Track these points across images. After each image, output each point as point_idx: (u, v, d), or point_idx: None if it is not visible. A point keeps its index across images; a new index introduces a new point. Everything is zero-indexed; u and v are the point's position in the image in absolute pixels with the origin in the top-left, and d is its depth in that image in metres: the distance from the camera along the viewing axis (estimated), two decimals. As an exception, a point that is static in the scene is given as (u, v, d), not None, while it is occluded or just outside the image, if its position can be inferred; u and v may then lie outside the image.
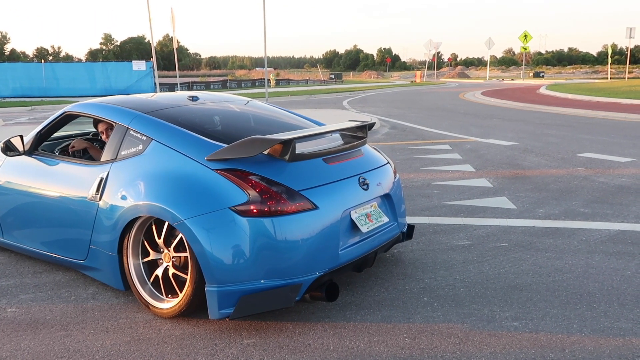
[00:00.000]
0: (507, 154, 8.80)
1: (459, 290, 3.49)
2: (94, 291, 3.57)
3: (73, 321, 3.15)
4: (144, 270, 3.29)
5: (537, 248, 4.27)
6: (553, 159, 8.36)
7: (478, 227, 4.82)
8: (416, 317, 3.12)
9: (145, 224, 3.22)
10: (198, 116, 3.69)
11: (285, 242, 2.88)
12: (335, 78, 61.14)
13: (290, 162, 3.09)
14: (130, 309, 3.29)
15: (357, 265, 3.33)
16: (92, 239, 3.42)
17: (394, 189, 3.69)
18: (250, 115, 4.06)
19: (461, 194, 6.08)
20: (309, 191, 3.03)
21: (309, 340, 2.88)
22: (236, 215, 2.85)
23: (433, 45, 54.82)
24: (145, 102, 3.80)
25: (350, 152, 3.50)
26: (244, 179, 2.93)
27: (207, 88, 38.82)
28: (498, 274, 3.76)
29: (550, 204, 5.61)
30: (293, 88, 41.52)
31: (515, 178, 6.92)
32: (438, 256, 4.11)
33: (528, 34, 47.40)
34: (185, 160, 3.11)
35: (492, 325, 3.01)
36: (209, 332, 2.98)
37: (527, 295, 3.41)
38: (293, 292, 2.91)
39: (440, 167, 7.70)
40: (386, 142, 10.47)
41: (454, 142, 10.27)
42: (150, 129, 3.34)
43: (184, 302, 3.02)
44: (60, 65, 34.00)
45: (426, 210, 5.42)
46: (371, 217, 3.37)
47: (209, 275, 2.86)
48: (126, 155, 3.35)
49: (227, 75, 77.66)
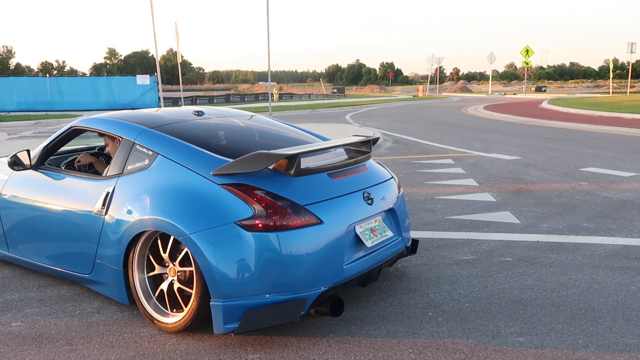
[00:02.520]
0: (510, 169, 8.81)
1: (463, 305, 3.48)
2: (99, 305, 3.57)
3: (78, 335, 3.15)
4: (149, 284, 3.29)
5: (541, 263, 4.27)
6: (556, 173, 8.36)
7: (482, 242, 4.82)
8: (421, 332, 3.12)
9: (151, 238, 3.23)
10: (203, 131, 3.71)
11: (291, 256, 2.89)
12: (338, 92, 61.42)
13: (296, 176, 3.10)
14: (135, 323, 3.30)
15: (362, 280, 3.33)
16: (98, 253, 3.43)
17: (398, 204, 3.70)
18: (254, 130, 4.09)
19: (465, 208, 6.08)
20: (314, 206, 3.04)
21: (313, 355, 2.87)
22: (241, 229, 2.86)
23: (435, 59, 55.13)
24: (151, 117, 3.83)
25: (354, 166, 3.52)
26: (250, 194, 2.95)
27: (210, 102, 39.03)
28: (502, 289, 3.76)
29: (553, 218, 5.61)
30: (296, 102, 41.71)
31: (519, 192, 6.92)
32: (442, 271, 4.11)
33: (530, 49, 47.65)
34: (191, 175, 3.13)
35: (497, 341, 3.00)
36: (214, 347, 2.98)
37: (532, 310, 3.40)
38: (298, 307, 2.91)
39: (443, 182, 7.72)
40: (389, 157, 10.50)
41: (457, 157, 10.29)
42: (156, 144, 3.37)
43: (189, 317, 3.03)
44: (64, 80, 34.27)
45: (430, 224, 5.42)
46: (376, 232, 3.38)
47: (214, 289, 2.87)
48: (132, 169, 3.37)
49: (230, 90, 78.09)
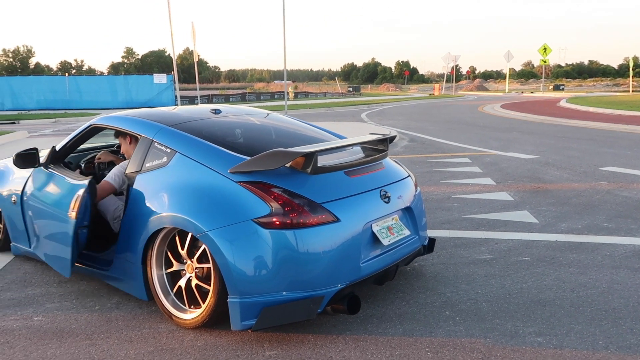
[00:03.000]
0: (527, 168, 8.72)
1: (481, 305, 3.46)
2: (118, 301, 3.61)
3: (98, 330, 3.19)
4: (167, 281, 3.32)
5: (560, 263, 4.22)
6: (575, 172, 8.26)
7: (499, 241, 4.78)
8: (438, 331, 3.10)
9: (169, 235, 3.26)
10: (220, 129, 3.73)
11: (307, 254, 2.89)
12: (354, 91, 61.33)
13: (312, 174, 3.11)
14: (154, 319, 3.33)
15: (379, 278, 3.32)
16: (117, 249, 3.47)
17: (415, 202, 3.69)
18: (271, 128, 4.10)
19: (482, 207, 6.04)
20: (330, 204, 3.04)
21: (330, 352, 2.88)
22: (259, 227, 2.87)
23: (451, 58, 54.78)
24: (169, 115, 3.86)
25: (371, 165, 3.52)
26: (267, 192, 2.96)
27: (226, 101, 39.22)
28: (521, 288, 3.72)
29: (572, 218, 5.55)
30: (311, 101, 41.73)
31: (537, 192, 6.85)
32: (459, 270, 4.09)
33: (547, 47, 47.12)
34: (209, 173, 3.15)
35: (515, 341, 2.98)
36: (231, 343, 3.00)
37: (551, 310, 3.37)
38: (315, 305, 2.92)
39: (460, 180, 7.67)
40: (405, 155, 10.46)
41: (473, 155, 10.22)
42: (174, 142, 3.39)
43: (206, 313, 3.05)
44: (83, 79, 34.71)
45: (447, 223, 5.39)
46: (392, 230, 3.37)
47: (231, 286, 2.89)
48: (150, 167, 3.40)
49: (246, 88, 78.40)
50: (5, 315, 3.43)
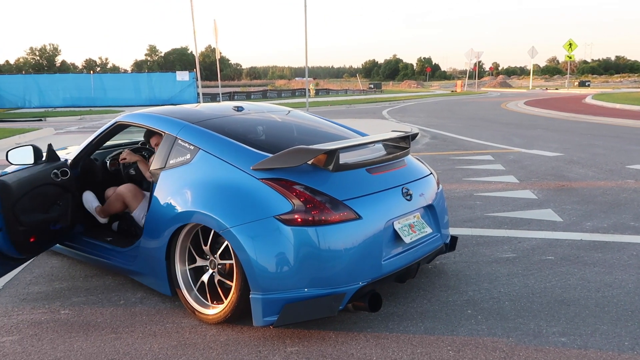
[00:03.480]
0: (551, 165, 8.59)
1: (503, 304, 3.43)
2: (142, 295, 3.67)
3: (122, 324, 3.25)
4: (190, 276, 3.37)
5: (584, 262, 4.16)
6: (600, 170, 8.12)
7: (523, 240, 4.73)
8: (460, 330, 3.09)
9: (192, 231, 3.30)
10: (243, 126, 3.76)
11: (329, 251, 2.90)
12: (375, 88, 61.06)
13: (334, 172, 3.11)
14: (177, 314, 3.38)
15: (400, 276, 3.32)
16: (141, 245, 3.52)
17: (437, 200, 3.67)
18: (293, 125, 4.12)
19: (505, 205, 5.98)
20: (352, 201, 3.05)
21: (351, 350, 2.89)
22: (281, 224, 2.89)
23: (474, 54, 54.15)
24: (192, 112, 3.90)
25: (393, 162, 3.51)
26: (289, 189, 2.97)
27: (248, 98, 39.40)
28: (544, 288, 3.68)
29: (598, 217, 5.45)
30: (332, 98, 41.69)
31: (561, 190, 6.75)
32: (482, 268, 4.05)
33: (573, 42, 46.26)
34: (232, 170, 3.17)
35: (539, 340, 2.95)
36: (253, 339, 3.02)
37: (575, 310, 3.32)
38: (336, 302, 2.93)
39: (482, 178, 7.60)
40: (427, 152, 10.39)
41: (496, 153, 10.10)
42: (197, 139, 3.43)
43: (228, 309, 3.08)
44: (107, 76, 35.20)
45: (469, 221, 5.35)
46: (414, 228, 3.36)
47: (253, 282, 2.91)
48: (174, 164, 3.45)
49: (267, 85, 78.65)
50: (34, 308, 3.52)
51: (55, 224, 3.68)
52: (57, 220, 3.68)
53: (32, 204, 3.48)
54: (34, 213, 3.51)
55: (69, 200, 3.75)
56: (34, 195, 3.49)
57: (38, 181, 3.55)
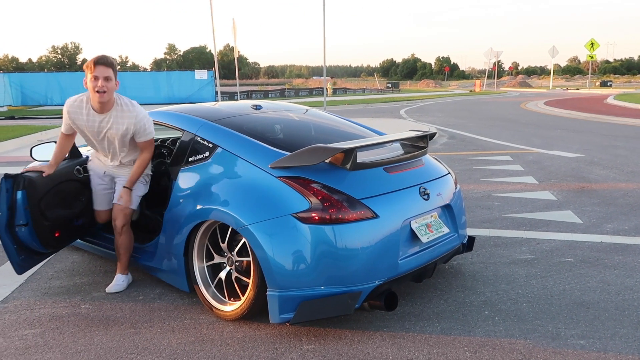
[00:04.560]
0: (572, 166, 8.49)
1: (521, 305, 3.40)
2: (160, 291, 3.72)
3: (141, 319, 3.29)
4: (208, 273, 3.40)
5: (604, 265, 4.10)
6: (622, 172, 7.99)
7: (541, 241, 4.68)
8: (477, 331, 3.07)
9: (210, 228, 3.33)
10: (261, 124, 3.78)
11: (346, 249, 2.91)
12: (392, 87, 60.85)
13: (352, 170, 3.12)
14: (194, 310, 3.41)
15: (417, 276, 3.31)
16: (159, 242, 3.57)
17: (454, 200, 3.65)
18: (310, 124, 4.13)
19: (523, 206, 5.92)
20: (369, 200, 3.05)
21: (367, 349, 2.89)
22: (298, 222, 2.91)
23: (493, 53, 53.62)
24: (211, 110, 3.94)
25: (411, 161, 3.50)
26: (306, 187, 2.98)
27: (265, 97, 39.54)
28: (563, 290, 3.64)
29: (619, 219, 5.38)
30: (350, 97, 41.64)
31: (581, 191, 6.67)
32: (499, 269, 4.02)
33: (595, 42, 45.58)
34: (250, 167, 3.20)
35: (557, 343, 2.92)
36: (270, 336, 3.04)
37: (595, 313, 3.28)
38: (352, 300, 2.93)
39: (501, 179, 7.53)
40: (445, 152, 10.34)
41: (515, 153, 10.01)
42: (216, 137, 3.46)
43: (245, 306, 3.11)
44: (127, 75, 35.53)
45: (487, 222, 5.31)
46: (431, 228, 3.35)
47: (270, 280, 2.93)
48: (193, 161, 3.48)
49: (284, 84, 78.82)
50: (55, 302, 3.58)
51: (77, 219, 3.74)
52: (79, 215, 3.75)
53: (56, 199, 3.56)
54: (58, 209, 3.58)
55: (90, 196, 3.81)
56: (57, 191, 3.57)
57: (61, 177, 3.62)
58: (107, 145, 3.62)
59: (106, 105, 3.48)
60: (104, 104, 3.46)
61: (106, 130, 3.53)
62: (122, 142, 3.59)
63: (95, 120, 3.51)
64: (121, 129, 3.51)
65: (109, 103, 3.49)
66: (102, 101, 3.42)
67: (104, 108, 3.48)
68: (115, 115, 3.51)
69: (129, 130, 3.53)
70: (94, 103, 3.46)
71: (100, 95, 3.39)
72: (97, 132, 3.54)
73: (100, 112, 3.48)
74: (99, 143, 3.62)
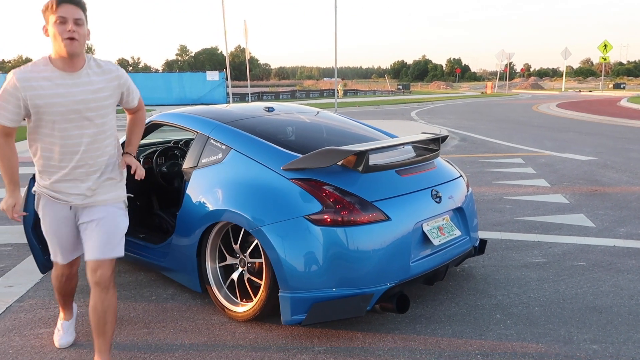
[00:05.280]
0: (584, 169, 8.43)
1: (533, 309, 3.39)
2: (173, 292, 3.75)
3: (154, 320, 3.32)
4: (220, 274, 3.42)
5: (618, 269, 4.08)
6: (635, 175, 7.93)
7: (553, 245, 4.66)
8: (488, 334, 3.07)
9: (223, 229, 3.35)
10: (273, 126, 3.81)
11: (357, 252, 2.92)
12: (403, 89, 60.73)
13: (364, 173, 3.13)
14: (207, 310, 3.44)
15: (428, 278, 3.31)
16: (173, 242, 3.60)
17: (466, 203, 3.65)
18: (322, 126, 4.15)
19: (535, 209, 5.89)
20: (381, 202, 3.06)
21: (379, 351, 2.90)
22: (310, 223, 2.92)
23: (505, 55, 53.38)
24: (224, 112, 3.97)
25: (423, 164, 3.51)
26: (319, 189, 3.00)
27: (276, 98, 39.65)
28: (575, 294, 3.63)
29: (632, 223, 5.34)
30: (361, 98, 41.62)
31: (594, 195, 6.62)
32: (511, 273, 4.01)
33: (608, 44, 45.19)
34: (262, 169, 3.22)
35: (569, 347, 2.91)
36: (282, 337, 3.06)
37: (607, 317, 3.27)
38: (364, 302, 2.95)
39: (512, 182, 7.50)
40: (456, 155, 10.31)
41: (527, 156, 9.96)
42: (229, 139, 3.49)
43: (257, 307, 3.13)
44: (139, 76, 35.80)
45: (498, 225, 5.30)
46: (443, 230, 3.35)
47: (282, 281, 2.95)
48: (206, 163, 3.51)
49: (295, 86, 78.95)
50: (69, 301, 3.62)
51: None
52: None
53: None
54: None
55: None
56: None
57: None
58: (84, 135, 2.51)
59: (78, 61, 2.46)
60: (75, 58, 2.44)
61: (85, 98, 2.47)
62: (107, 122, 2.58)
63: (66, 84, 2.43)
64: (106, 93, 2.55)
65: (81, 58, 2.47)
66: (73, 51, 2.38)
67: (75, 64, 2.45)
68: (92, 74, 2.52)
69: (115, 92, 2.62)
70: (59, 58, 2.42)
71: (70, 43, 2.36)
72: (73, 103, 2.44)
73: (72, 70, 2.45)
74: (71, 132, 2.48)
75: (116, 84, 2.60)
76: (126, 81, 2.67)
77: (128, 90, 2.70)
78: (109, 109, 2.58)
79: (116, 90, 2.61)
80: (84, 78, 2.47)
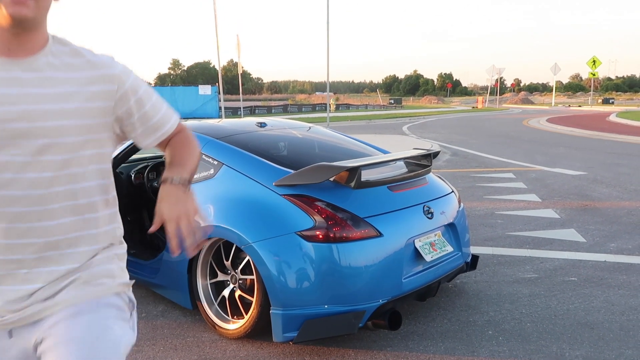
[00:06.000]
0: (575, 184, 8.49)
1: (525, 325, 3.39)
2: (164, 309, 3.71)
3: (144, 337, 3.28)
4: (211, 290, 3.39)
5: (609, 284, 4.09)
6: (625, 190, 7.99)
7: (545, 260, 4.67)
8: (481, 351, 3.06)
9: (214, 245, 3.34)
10: (266, 142, 3.81)
11: (350, 268, 2.91)
12: (395, 103, 61.14)
13: (356, 189, 3.13)
14: (197, 327, 3.40)
15: (421, 295, 3.31)
16: (163, 258, 3.57)
17: (458, 218, 3.66)
18: (314, 142, 4.15)
19: (526, 224, 5.92)
20: (373, 218, 3.06)
21: (371, 368, 2.88)
22: (302, 240, 2.91)
23: (496, 70, 53.93)
24: (217, 127, 3.96)
25: (415, 180, 3.52)
26: (311, 205, 3.00)
27: (268, 112, 39.73)
28: (567, 309, 3.63)
29: (622, 237, 5.37)
30: (353, 113, 41.81)
31: (584, 209, 6.66)
32: (503, 288, 4.01)
33: (597, 59, 45.79)
34: (254, 185, 3.21)
35: (562, 364, 2.90)
36: (273, 354, 3.03)
37: (599, 333, 3.27)
38: (356, 319, 2.93)
39: (504, 196, 7.53)
40: (447, 169, 10.35)
41: (518, 171, 10.02)
42: (221, 154, 3.48)
43: (249, 324, 3.10)
44: (132, 89, 35.77)
45: (490, 240, 5.31)
46: (435, 246, 3.35)
47: (274, 298, 2.93)
48: (198, 178, 3.50)
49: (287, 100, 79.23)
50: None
51: None
52: None
53: None
54: None
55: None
56: None
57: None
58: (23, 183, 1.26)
59: (31, 39, 1.28)
60: (26, 33, 1.26)
61: (33, 108, 1.26)
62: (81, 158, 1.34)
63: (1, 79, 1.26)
64: (77, 104, 1.31)
65: (37, 34, 1.29)
66: (21, 15, 1.21)
67: (24, 42, 1.27)
68: (57, 65, 1.32)
69: (104, 107, 1.36)
70: None
71: (16, 5, 1.20)
72: (6, 116, 1.24)
73: (16, 54, 1.28)
74: None
75: (107, 90, 1.36)
76: (135, 89, 1.42)
77: (139, 106, 1.43)
78: (86, 136, 1.34)
79: (106, 103, 1.36)
80: (36, 72, 1.29)
